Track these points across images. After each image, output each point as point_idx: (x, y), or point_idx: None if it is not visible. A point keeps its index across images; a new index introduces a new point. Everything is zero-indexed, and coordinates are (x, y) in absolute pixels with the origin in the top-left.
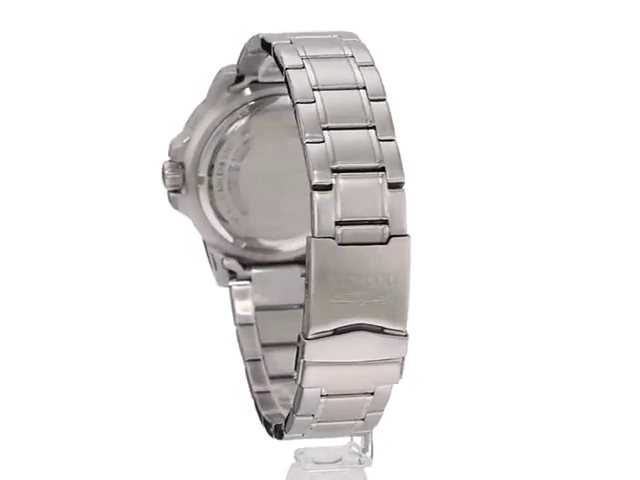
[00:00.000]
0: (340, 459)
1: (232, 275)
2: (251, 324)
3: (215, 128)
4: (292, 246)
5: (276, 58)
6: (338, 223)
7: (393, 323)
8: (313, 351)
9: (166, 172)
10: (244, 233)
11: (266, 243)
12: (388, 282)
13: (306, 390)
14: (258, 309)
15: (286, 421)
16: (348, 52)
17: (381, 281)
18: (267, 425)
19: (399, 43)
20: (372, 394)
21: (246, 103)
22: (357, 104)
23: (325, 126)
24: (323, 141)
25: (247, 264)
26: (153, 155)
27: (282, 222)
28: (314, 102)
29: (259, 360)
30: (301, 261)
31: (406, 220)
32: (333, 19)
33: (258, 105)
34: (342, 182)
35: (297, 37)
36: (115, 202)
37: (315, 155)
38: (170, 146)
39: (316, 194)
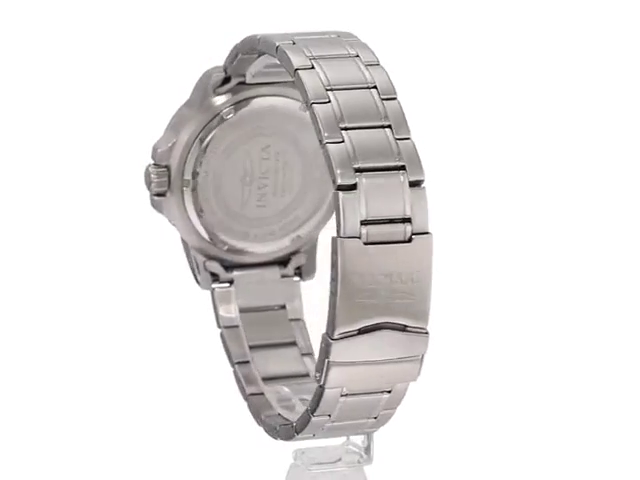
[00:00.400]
0: (340, 459)
1: (214, 278)
2: (236, 326)
3: (201, 131)
4: (272, 247)
5: (283, 59)
6: (363, 223)
7: (415, 321)
8: (338, 351)
9: (152, 176)
10: (222, 234)
11: (239, 244)
12: (412, 280)
13: (327, 390)
14: (241, 311)
15: (298, 422)
16: (352, 52)
17: (405, 279)
18: (268, 427)
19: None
20: (389, 392)
21: (232, 105)
22: (371, 103)
23: (343, 126)
24: (343, 141)
25: (228, 266)
26: (125, 157)
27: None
28: (329, 102)
29: (248, 362)
30: (281, 262)
31: (428, 218)
32: (307, 20)
33: (240, 107)
34: (365, 181)
35: (298, 37)
36: (94, 205)
37: (337, 155)
38: (155, 149)
39: (341, 194)
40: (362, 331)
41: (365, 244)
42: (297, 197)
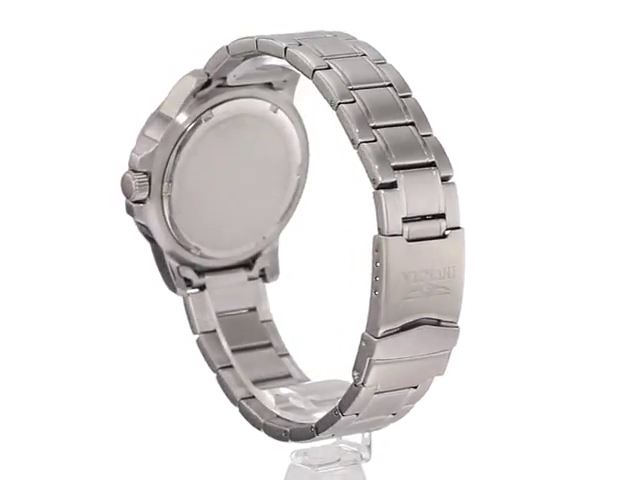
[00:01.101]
0: (339, 459)
1: (188, 283)
2: (214, 331)
3: (181, 136)
4: (239, 250)
5: (295, 60)
6: (404, 220)
7: (450, 316)
8: (382, 349)
9: (133, 183)
10: (196, 238)
11: (210, 248)
12: (448, 275)
13: (364, 389)
14: (216, 315)
15: (322, 422)
16: (358, 51)
17: (442, 275)
18: (272, 430)
19: None
20: (415, 387)
21: (210, 108)
22: (392, 101)
23: (372, 124)
24: (375, 140)
25: (199, 271)
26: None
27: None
28: (354, 101)
29: (232, 366)
30: (246, 264)
31: (459, 213)
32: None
33: (218, 110)
34: (404, 179)
35: (300, 38)
36: (60, 212)
37: (374, 154)
38: (135, 156)
39: (383, 192)
40: (403, 328)
41: (408, 241)
42: (263, 199)
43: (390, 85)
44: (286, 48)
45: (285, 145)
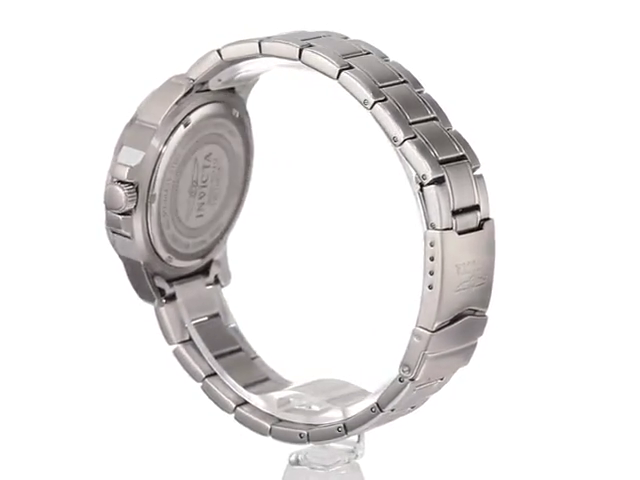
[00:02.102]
0: (338, 459)
1: (161, 293)
2: (190, 339)
3: (165, 143)
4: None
5: (314, 62)
6: (453, 213)
7: (482, 305)
8: (435, 343)
9: (122, 194)
10: (171, 247)
11: (180, 256)
12: (484, 265)
13: (410, 384)
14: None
15: (353, 420)
16: (362, 49)
17: (481, 265)
18: (283, 434)
19: None
20: (441, 379)
21: (188, 114)
22: (415, 97)
23: (408, 121)
24: (416, 136)
25: (168, 280)
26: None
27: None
28: (386, 99)
29: (216, 374)
30: (202, 271)
31: (489, 204)
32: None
33: (195, 115)
34: (450, 173)
35: (305, 39)
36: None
37: (421, 151)
38: (120, 167)
39: (433, 187)
40: (452, 320)
41: (458, 234)
42: (223, 203)
43: (405, 81)
44: (301, 50)
45: (240, 145)
